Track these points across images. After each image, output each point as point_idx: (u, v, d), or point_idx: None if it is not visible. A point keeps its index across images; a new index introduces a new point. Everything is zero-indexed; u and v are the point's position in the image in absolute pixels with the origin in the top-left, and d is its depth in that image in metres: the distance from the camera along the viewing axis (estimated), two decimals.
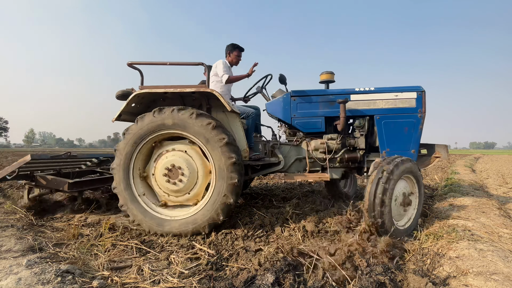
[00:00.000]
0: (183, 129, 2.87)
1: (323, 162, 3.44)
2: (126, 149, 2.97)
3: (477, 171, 10.64)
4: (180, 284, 1.89)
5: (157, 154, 3.09)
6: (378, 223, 2.49)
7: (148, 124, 2.91)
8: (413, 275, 1.92)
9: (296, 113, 3.50)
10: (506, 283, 1.73)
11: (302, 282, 1.90)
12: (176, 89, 3.00)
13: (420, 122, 3.33)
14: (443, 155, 3.40)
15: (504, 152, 68.22)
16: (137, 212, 2.96)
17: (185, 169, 2.93)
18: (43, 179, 3.59)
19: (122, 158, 2.98)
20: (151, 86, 3.04)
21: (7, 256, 2.20)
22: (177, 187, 2.96)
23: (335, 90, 3.54)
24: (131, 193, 3.01)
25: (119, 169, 2.99)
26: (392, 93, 3.40)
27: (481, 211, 3.49)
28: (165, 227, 2.87)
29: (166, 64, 3.13)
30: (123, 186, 2.99)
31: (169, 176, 2.95)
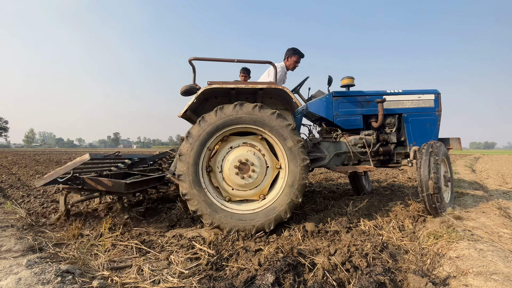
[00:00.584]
0: (262, 126, 2.96)
1: (363, 155, 3.76)
2: (200, 137, 2.92)
3: (477, 171, 10.64)
4: (180, 284, 1.89)
5: (226, 148, 3.11)
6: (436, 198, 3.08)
7: (228, 116, 2.93)
8: (413, 275, 1.92)
9: (338, 112, 3.87)
10: (506, 283, 1.73)
11: (302, 282, 1.90)
12: (248, 85, 3.05)
13: (438, 119, 3.92)
14: (455, 146, 3.90)
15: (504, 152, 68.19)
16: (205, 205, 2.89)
17: (256, 164, 3.02)
18: (92, 181, 3.22)
19: (195, 147, 2.92)
20: (219, 82, 3.04)
21: (7, 256, 2.20)
22: (246, 182, 3.03)
23: (371, 92, 3.95)
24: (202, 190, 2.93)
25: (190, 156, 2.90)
26: (416, 95, 3.95)
27: (481, 211, 3.50)
28: (254, 221, 2.89)
29: (233, 61, 3.21)
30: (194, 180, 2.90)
31: (241, 170, 3.00)
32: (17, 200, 4.73)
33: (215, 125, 2.93)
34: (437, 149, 3.22)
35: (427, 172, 3.08)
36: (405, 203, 4.01)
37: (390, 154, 3.90)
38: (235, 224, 2.87)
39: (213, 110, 2.95)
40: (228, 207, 2.99)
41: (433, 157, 3.13)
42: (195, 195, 2.89)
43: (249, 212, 2.96)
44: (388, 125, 3.96)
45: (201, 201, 2.89)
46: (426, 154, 3.16)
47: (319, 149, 3.80)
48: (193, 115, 3.50)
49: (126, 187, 3.16)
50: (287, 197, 2.95)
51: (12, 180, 7.27)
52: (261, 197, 3.11)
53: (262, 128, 2.99)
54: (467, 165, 12.43)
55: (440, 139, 3.97)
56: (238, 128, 3.01)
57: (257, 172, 3.03)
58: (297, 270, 2.08)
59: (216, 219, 2.87)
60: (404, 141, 3.93)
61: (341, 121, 3.88)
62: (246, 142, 3.13)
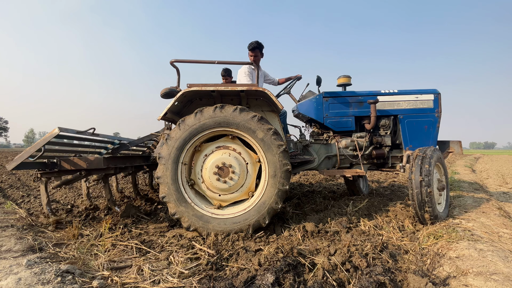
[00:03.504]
0: (227, 125, 2.90)
1: (354, 158, 3.66)
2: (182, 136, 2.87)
3: (477, 171, 10.65)
4: (180, 284, 1.89)
5: (201, 157, 3.06)
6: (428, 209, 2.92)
7: (208, 119, 2.87)
8: (413, 275, 1.92)
9: (329, 113, 3.73)
10: (506, 283, 1.73)
11: (302, 282, 1.90)
12: (228, 87, 3.01)
13: (437, 121, 3.71)
14: (456, 150, 3.75)
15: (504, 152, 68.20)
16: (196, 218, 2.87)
17: (234, 165, 2.96)
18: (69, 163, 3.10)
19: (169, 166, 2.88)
20: (199, 84, 3.00)
21: (7, 256, 2.20)
22: (229, 185, 2.97)
23: (364, 92, 3.78)
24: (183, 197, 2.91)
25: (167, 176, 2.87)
26: (413, 95, 3.75)
27: (481, 211, 3.49)
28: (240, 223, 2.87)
29: (214, 63, 3.18)
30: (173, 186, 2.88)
31: (220, 175, 2.95)
32: (17, 200, 4.74)
33: (194, 128, 2.87)
34: (430, 154, 3.05)
35: (418, 180, 2.92)
36: (405, 203, 4.01)
37: (384, 157, 3.76)
38: (231, 228, 2.86)
39: (193, 113, 2.90)
40: (219, 214, 2.96)
41: (425, 163, 2.97)
42: (183, 212, 2.87)
43: (241, 213, 2.93)
44: (382, 127, 3.79)
45: (191, 216, 2.87)
46: (418, 160, 3.02)
47: (308, 151, 3.72)
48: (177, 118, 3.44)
49: (106, 162, 3.08)
50: (274, 188, 2.90)
51: (12, 180, 7.27)
52: (249, 194, 3.07)
53: (228, 128, 2.91)
54: (467, 165, 12.43)
55: (440, 142, 3.83)
56: (207, 134, 2.95)
57: (237, 173, 2.97)
58: (297, 270, 2.08)
59: (210, 228, 2.86)
60: (400, 144, 3.77)
61: (332, 122, 3.75)
62: (219, 145, 3.07)
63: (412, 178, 2.96)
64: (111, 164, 3.17)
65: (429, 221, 2.98)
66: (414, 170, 2.98)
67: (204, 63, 3.21)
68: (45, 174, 3.15)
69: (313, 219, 3.26)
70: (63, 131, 2.99)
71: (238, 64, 3.37)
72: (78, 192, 5.40)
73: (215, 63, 3.15)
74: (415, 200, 2.94)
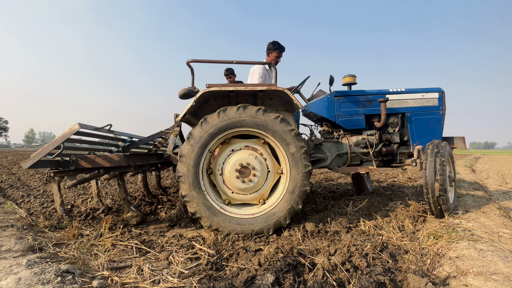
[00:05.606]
0: (265, 130, 2.93)
1: (365, 156, 3.74)
2: (202, 139, 2.89)
3: (477, 171, 10.65)
4: (180, 284, 1.89)
5: (227, 150, 3.09)
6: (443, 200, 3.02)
7: (231, 118, 2.89)
8: (413, 275, 1.92)
9: (340, 112, 3.82)
10: (506, 283, 1.73)
11: (302, 282, 1.90)
12: (247, 87, 3.02)
13: (442, 118, 3.86)
14: (459, 145, 3.87)
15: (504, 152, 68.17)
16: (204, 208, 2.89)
17: (257, 169, 3.00)
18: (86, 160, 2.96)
19: (196, 148, 2.89)
20: (218, 84, 3.03)
21: (7, 256, 2.20)
22: (247, 186, 3.01)
23: (373, 91, 3.89)
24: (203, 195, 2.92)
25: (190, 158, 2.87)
26: (419, 94, 3.88)
27: (481, 211, 3.49)
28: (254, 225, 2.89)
29: (233, 63, 3.19)
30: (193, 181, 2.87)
31: (242, 174, 2.99)
32: (17, 200, 4.73)
33: (217, 127, 2.90)
34: (442, 149, 3.16)
35: (433, 174, 3.02)
36: (405, 203, 4.01)
37: (393, 154, 3.87)
38: (233, 228, 2.87)
39: (215, 112, 2.92)
40: (227, 210, 2.97)
41: (439, 158, 3.06)
42: (194, 197, 2.88)
43: (248, 216, 2.94)
44: (390, 124, 3.92)
45: (200, 204, 2.88)
46: (431, 155, 3.10)
47: (320, 150, 3.78)
48: (192, 118, 3.48)
49: (126, 159, 2.99)
50: (287, 203, 2.93)
51: (12, 180, 7.28)
52: (261, 201, 3.10)
53: (264, 132, 2.96)
54: (467, 165, 12.43)
55: (444, 138, 3.94)
56: (240, 131, 2.99)
57: (258, 176, 3.01)
58: (297, 270, 2.08)
59: (214, 222, 2.87)
60: (407, 141, 3.90)
61: (343, 121, 3.84)
62: (248, 145, 3.11)
63: (427, 171, 3.05)
64: (131, 161, 3.09)
65: (445, 212, 3.08)
66: (428, 163, 3.07)
67: (222, 63, 3.21)
68: (58, 173, 3.00)
69: (313, 219, 3.27)
70: (83, 127, 2.91)
71: (257, 64, 3.38)
72: (78, 192, 5.40)
73: (233, 63, 3.18)
74: (430, 192, 3.03)
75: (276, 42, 3.88)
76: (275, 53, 3.89)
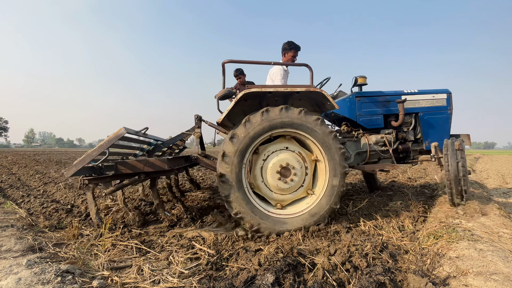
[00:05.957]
0: (305, 131, 2.99)
1: (383, 153, 3.88)
2: (246, 139, 2.87)
3: (477, 171, 10.64)
4: (180, 284, 1.89)
5: (263, 155, 3.10)
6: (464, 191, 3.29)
7: (274, 119, 2.90)
8: (413, 275, 1.92)
9: (361, 112, 3.96)
10: (506, 283, 1.73)
11: (302, 282, 1.90)
12: (287, 89, 3.06)
13: (449, 117, 4.12)
14: (465, 142, 3.97)
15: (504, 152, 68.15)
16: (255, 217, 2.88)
17: (297, 168, 3.06)
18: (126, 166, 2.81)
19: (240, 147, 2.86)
20: (258, 85, 3.06)
21: (7, 256, 2.20)
22: (288, 186, 3.05)
23: (390, 92, 4.09)
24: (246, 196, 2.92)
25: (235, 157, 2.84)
26: (430, 94, 4.12)
27: (481, 212, 3.49)
28: (288, 224, 2.93)
29: (270, 64, 3.22)
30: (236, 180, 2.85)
31: (283, 175, 3.03)
32: (17, 200, 4.74)
33: (261, 127, 2.89)
34: (460, 143, 3.39)
35: (456, 166, 3.25)
36: (405, 203, 4.01)
37: (408, 151, 4.05)
38: (274, 229, 2.87)
39: (258, 112, 2.91)
40: (269, 211, 2.98)
41: (460, 152, 3.29)
42: (237, 197, 2.85)
43: (289, 216, 2.97)
44: (405, 123, 4.07)
45: (243, 204, 2.86)
46: (452, 149, 3.34)
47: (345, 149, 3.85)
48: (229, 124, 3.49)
49: (169, 164, 2.91)
50: (326, 203, 3.01)
51: (12, 180, 7.28)
52: (309, 192, 3.17)
53: (305, 133, 3.00)
54: (467, 165, 12.42)
55: (452, 136, 4.10)
56: (281, 132, 3.00)
57: (298, 175, 3.06)
58: (297, 270, 2.08)
59: (256, 222, 2.85)
60: (419, 139, 4.11)
61: (364, 121, 3.97)
62: (287, 146, 3.15)
63: (449, 164, 3.30)
64: (173, 166, 3.01)
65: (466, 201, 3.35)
66: (450, 158, 3.31)
67: (259, 63, 3.21)
68: (94, 180, 2.83)
69: None
70: (128, 130, 2.84)
71: (293, 65, 3.41)
72: (78, 192, 5.40)
73: (271, 64, 3.22)
74: (453, 183, 3.29)
75: (292, 42, 3.90)
76: (291, 52, 3.91)
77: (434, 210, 3.69)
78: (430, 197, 4.85)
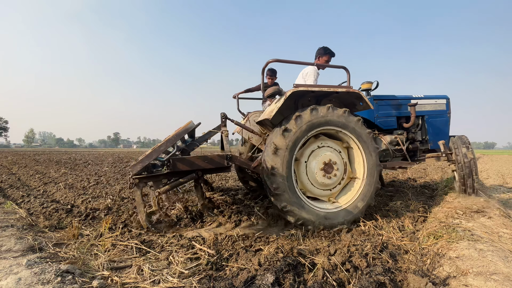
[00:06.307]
0: (347, 129, 3.19)
1: (397, 152, 4.15)
2: (297, 133, 2.97)
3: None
4: (180, 284, 1.89)
5: (305, 157, 3.21)
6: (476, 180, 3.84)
7: (322, 117, 3.06)
8: (413, 275, 1.92)
9: (378, 114, 4.31)
10: (506, 283, 1.73)
11: (302, 282, 1.90)
12: (330, 89, 3.23)
13: (448, 120, 4.63)
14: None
15: (504, 152, 68.17)
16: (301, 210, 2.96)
17: (339, 165, 3.25)
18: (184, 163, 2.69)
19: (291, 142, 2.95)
20: (305, 85, 3.25)
21: (7, 256, 2.20)
22: (331, 181, 3.21)
23: (402, 96, 4.53)
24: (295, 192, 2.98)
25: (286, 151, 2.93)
26: (433, 100, 4.61)
27: (481, 211, 3.49)
28: (334, 220, 3.04)
29: (313, 65, 3.41)
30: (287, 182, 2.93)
31: (326, 170, 3.17)
32: (17, 200, 4.74)
33: (311, 123, 3.02)
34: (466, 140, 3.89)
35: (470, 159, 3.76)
36: (405, 203, 4.01)
37: (416, 150, 4.40)
38: (320, 222, 2.96)
39: (307, 109, 3.04)
40: (313, 205, 3.05)
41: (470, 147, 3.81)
42: (287, 191, 2.90)
43: (332, 210, 3.10)
44: (414, 125, 4.45)
45: (292, 197, 2.92)
46: (463, 147, 3.86)
47: None
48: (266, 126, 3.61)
49: (230, 160, 2.91)
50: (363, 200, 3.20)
51: (12, 180, 7.28)
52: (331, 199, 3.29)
53: (347, 132, 3.20)
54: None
55: (450, 136, 4.51)
56: (326, 129, 3.16)
57: (340, 171, 3.24)
58: (297, 270, 2.08)
59: (302, 216, 2.92)
60: (424, 139, 4.56)
61: (381, 122, 4.29)
62: (327, 143, 3.30)
63: (462, 158, 3.83)
64: (231, 162, 3.00)
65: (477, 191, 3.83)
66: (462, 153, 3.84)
67: (303, 64, 3.32)
68: (144, 178, 2.66)
69: None
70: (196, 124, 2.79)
71: (332, 67, 3.56)
72: (77, 192, 5.40)
73: (314, 65, 3.40)
74: (466, 176, 3.82)
75: (327, 48, 4.11)
76: (326, 57, 4.09)
77: (434, 210, 3.69)
78: (430, 197, 4.85)
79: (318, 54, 4.10)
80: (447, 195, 4.53)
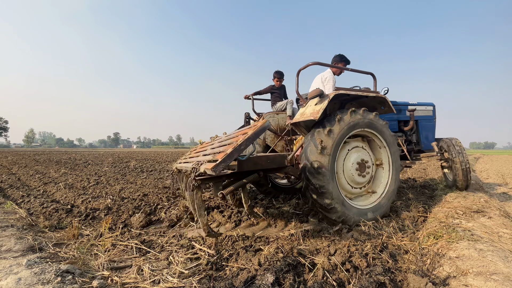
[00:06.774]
0: (376, 131, 3.45)
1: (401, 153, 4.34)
2: (340, 134, 3.10)
3: (477, 171, 10.64)
4: (180, 284, 1.89)
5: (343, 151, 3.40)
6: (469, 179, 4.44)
7: (359, 119, 3.25)
8: (413, 275, 1.92)
9: (384, 118, 4.65)
10: (506, 283, 1.73)
11: (302, 282, 1.90)
12: (363, 93, 3.46)
13: (435, 125, 5.31)
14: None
15: (504, 152, 68.18)
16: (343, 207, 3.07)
17: (370, 164, 3.50)
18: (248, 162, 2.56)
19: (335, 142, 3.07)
20: (344, 88, 3.43)
21: (7, 256, 2.20)
22: (364, 180, 3.44)
23: (402, 102, 5.04)
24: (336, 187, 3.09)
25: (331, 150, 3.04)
26: (423, 106, 5.20)
27: (481, 211, 3.49)
28: (368, 215, 3.25)
29: (348, 70, 3.59)
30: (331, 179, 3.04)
31: (359, 170, 3.38)
32: (17, 200, 4.74)
33: (351, 124, 3.20)
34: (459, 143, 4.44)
35: (464, 158, 4.31)
36: (405, 203, 4.01)
37: (411, 151, 4.90)
38: (357, 219, 3.11)
39: (348, 111, 3.21)
40: (352, 202, 3.24)
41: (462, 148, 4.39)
42: (331, 189, 2.97)
43: (366, 207, 3.28)
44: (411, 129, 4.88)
45: (335, 195, 3.01)
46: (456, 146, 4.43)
47: None
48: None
49: (289, 160, 2.95)
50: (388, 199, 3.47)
51: (12, 180, 7.28)
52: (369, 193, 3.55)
53: (376, 133, 3.46)
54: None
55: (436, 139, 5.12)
56: (359, 131, 3.34)
57: (372, 169, 3.50)
58: (297, 270, 2.08)
59: (343, 213, 3.03)
60: (417, 141, 5.09)
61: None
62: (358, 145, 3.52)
63: (458, 157, 4.37)
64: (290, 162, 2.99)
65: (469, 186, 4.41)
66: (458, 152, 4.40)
67: (340, 68, 3.64)
68: (206, 180, 2.47)
69: (313, 219, 3.26)
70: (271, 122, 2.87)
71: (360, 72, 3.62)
72: (77, 192, 5.40)
73: (349, 70, 3.61)
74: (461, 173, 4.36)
75: (343, 55, 4.27)
76: (341, 64, 4.25)
77: (434, 210, 3.69)
78: (430, 197, 4.85)
79: (334, 61, 4.29)
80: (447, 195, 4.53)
